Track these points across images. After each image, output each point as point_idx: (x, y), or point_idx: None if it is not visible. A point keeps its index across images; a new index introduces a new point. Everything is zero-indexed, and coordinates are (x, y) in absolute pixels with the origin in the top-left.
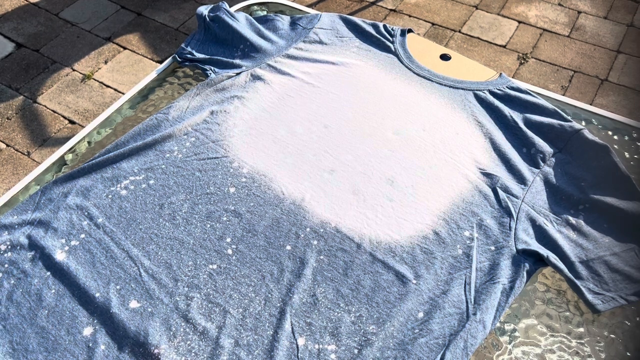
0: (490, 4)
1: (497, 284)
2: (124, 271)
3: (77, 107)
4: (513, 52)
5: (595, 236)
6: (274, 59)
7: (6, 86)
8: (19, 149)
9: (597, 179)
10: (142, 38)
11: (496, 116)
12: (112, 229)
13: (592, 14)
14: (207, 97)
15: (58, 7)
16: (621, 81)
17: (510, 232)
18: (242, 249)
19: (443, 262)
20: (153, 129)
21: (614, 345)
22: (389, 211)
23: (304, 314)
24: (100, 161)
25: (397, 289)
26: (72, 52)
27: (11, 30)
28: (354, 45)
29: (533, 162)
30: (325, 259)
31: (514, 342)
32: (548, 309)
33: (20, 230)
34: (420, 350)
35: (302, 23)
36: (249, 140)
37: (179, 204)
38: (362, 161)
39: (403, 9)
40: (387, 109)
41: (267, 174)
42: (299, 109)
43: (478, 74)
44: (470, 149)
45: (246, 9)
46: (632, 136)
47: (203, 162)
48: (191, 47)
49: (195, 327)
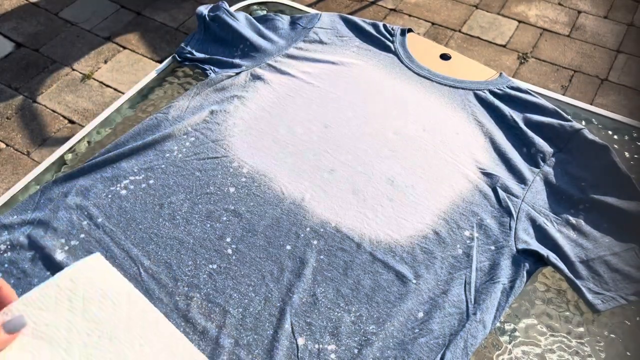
0: (490, 4)
1: (497, 284)
2: (124, 271)
3: (76, 107)
4: (513, 52)
5: (595, 236)
6: (274, 58)
7: (6, 86)
8: (19, 148)
9: (597, 178)
10: (141, 38)
11: (496, 116)
12: (111, 229)
13: (592, 13)
14: (207, 96)
15: (58, 7)
16: (621, 81)
17: (511, 231)
18: (242, 249)
19: (443, 261)
20: (153, 129)
21: (614, 345)
22: (389, 211)
23: (304, 314)
24: (100, 161)
25: (397, 289)
26: (72, 52)
27: (11, 29)
28: (354, 45)
29: (533, 161)
30: (325, 258)
31: (514, 342)
32: (548, 309)
33: (20, 230)
34: (420, 350)
35: (302, 23)
36: (249, 140)
37: (178, 204)
38: (362, 161)
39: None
40: (387, 109)
41: (267, 174)
42: (299, 108)
43: (478, 74)
44: (470, 149)
45: (246, 8)
46: (632, 136)
47: (203, 162)
48: (191, 47)
49: (195, 326)
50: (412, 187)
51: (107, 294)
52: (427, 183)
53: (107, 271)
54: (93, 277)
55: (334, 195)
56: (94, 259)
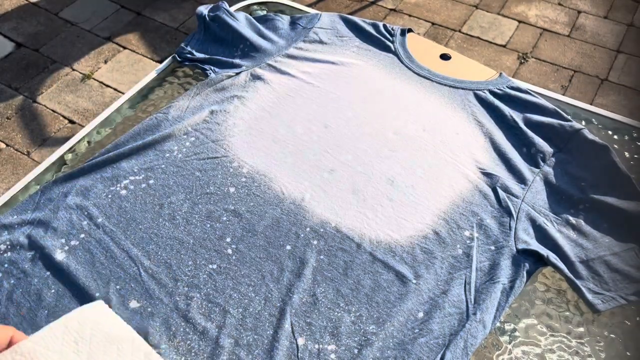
0: (490, 4)
1: (497, 284)
2: (124, 271)
3: (76, 107)
4: (513, 52)
5: (595, 236)
6: (274, 58)
7: (6, 86)
8: (19, 148)
9: (597, 178)
10: (141, 38)
11: (496, 116)
12: (112, 229)
13: (592, 13)
14: (207, 96)
15: (58, 7)
16: (621, 81)
17: (510, 231)
18: (242, 249)
19: (443, 261)
20: (153, 129)
21: (614, 345)
22: (389, 211)
23: (304, 314)
24: (100, 161)
25: (397, 289)
26: (72, 52)
27: (11, 29)
28: (354, 45)
29: (533, 161)
30: (325, 258)
31: (514, 342)
32: (548, 309)
33: (20, 230)
34: (420, 350)
35: (302, 23)
36: (249, 140)
37: (178, 204)
38: (362, 161)
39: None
40: (387, 109)
41: (267, 174)
42: (299, 108)
43: (478, 74)
44: (470, 149)
45: (246, 8)
46: (632, 136)
47: (203, 162)
48: (191, 47)
49: (195, 327)
50: (412, 187)
51: (113, 339)
52: (427, 183)
53: (111, 317)
54: (99, 321)
55: (334, 195)
56: (99, 305)
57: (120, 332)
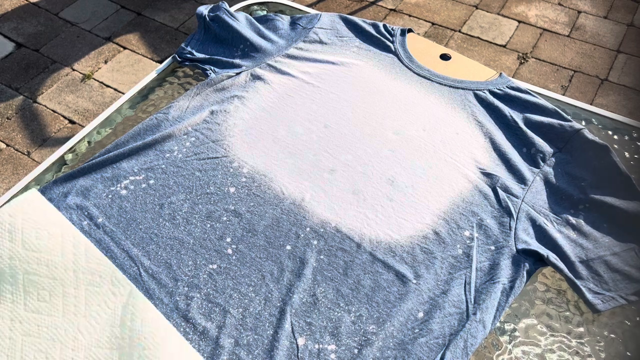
0: (490, 4)
1: (497, 284)
2: (124, 271)
3: (77, 107)
4: (513, 52)
5: (595, 236)
6: (274, 58)
7: (6, 86)
8: (19, 148)
9: (597, 178)
10: (142, 38)
11: (496, 116)
12: (112, 229)
13: (592, 13)
14: (207, 97)
15: (58, 7)
16: (621, 81)
17: (510, 231)
18: (242, 249)
19: (443, 261)
20: (153, 129)
21: (614, 345)
22: (389, 211)
23: (304, 314)
24: (100, 161)
25: (397, 289)
26: (72, 52)
27: (11, 30)
28: (354, 45)
29: (533, 161)
30: (325, 258)
31: (514, 342)
32: (548, 309)
33: None
34: (420, 350)
35: (302, 23)
36: (249, 140)
37: (179, 204)
38: (362, 161)
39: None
40: (387, 109)
41: (267, 174)
42: (299, 108)
43: (478, 74)
44: (470, 149)
45: (246, 8)
46: (632, 136)
47: (203, 162)
48: (191, 47)
49: (195, 327)
50: (412, 187)
51: (43, 225)
52: (427, 183)
53: (42, 205)
54: (29, 211)
55: (334, 195)
56: (31, 194)
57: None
